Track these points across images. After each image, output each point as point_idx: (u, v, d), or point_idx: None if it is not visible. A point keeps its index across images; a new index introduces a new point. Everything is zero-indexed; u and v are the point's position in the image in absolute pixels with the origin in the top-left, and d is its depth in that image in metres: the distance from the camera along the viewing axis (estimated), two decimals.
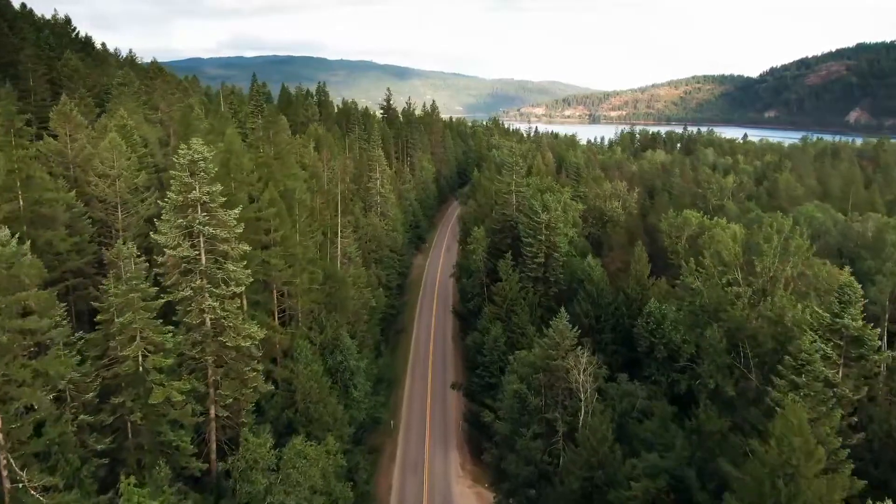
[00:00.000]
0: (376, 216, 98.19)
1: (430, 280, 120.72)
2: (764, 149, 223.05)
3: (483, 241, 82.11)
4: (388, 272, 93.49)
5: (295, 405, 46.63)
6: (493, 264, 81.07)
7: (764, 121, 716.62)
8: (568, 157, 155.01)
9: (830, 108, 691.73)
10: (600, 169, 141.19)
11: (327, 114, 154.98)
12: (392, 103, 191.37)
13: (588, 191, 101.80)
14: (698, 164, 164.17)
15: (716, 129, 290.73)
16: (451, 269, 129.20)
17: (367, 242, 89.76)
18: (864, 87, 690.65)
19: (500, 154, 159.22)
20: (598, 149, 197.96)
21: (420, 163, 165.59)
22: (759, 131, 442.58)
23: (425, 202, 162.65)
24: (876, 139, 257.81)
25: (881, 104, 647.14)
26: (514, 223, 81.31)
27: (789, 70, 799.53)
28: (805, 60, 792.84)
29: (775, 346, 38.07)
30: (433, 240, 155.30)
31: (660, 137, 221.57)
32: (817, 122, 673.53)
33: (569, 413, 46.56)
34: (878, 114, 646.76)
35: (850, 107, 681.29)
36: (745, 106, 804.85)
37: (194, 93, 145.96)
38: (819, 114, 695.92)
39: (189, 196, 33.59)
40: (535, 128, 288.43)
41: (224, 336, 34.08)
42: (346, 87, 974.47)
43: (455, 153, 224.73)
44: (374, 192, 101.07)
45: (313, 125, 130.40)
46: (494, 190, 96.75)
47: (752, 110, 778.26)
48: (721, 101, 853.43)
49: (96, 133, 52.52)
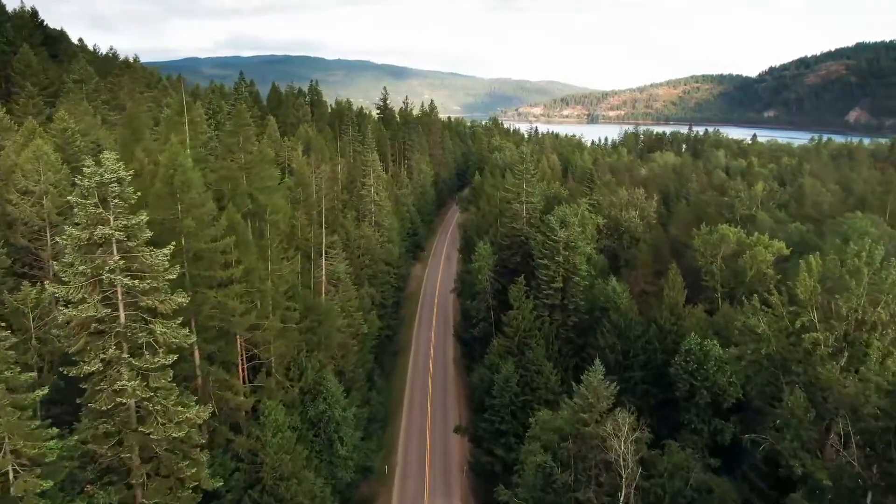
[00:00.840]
0: (370, 227, 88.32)
1: (429, 293, 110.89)
2: (775, 150, 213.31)
3: (489, 258, 72.32)
4: (382, 289, 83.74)
5: (262, 483, 36.80)
6: (500, 285, 71.17)
7: (763, 120, 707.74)
8: (574, 159, 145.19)
9: (830, 108, 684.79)
10: (609, 172, 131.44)
11: (320, 114, 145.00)
12: (389, 103, 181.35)
13: (602, 199, 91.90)
14: (711, 168, 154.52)
15: (717, 128, 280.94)
16: (452, 281, 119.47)
17: (359, 257, 79.89)
18: (863, 86, 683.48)
19: (502, 156, 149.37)
20: (602, 150, 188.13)
21: (418, 165, 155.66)
22: (759, 131, 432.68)
23: (424, 207, 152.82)
24: (886, 140, 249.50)
25: (881, 104, 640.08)
26: (525, 238, 71.42)
27: (788, 69, 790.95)
28: (804, 60, 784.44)
29: (889, 425, 28.40)
30: (432, 247, 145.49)
31: (665, 138, 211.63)
32: (817, 121, 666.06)
33: (606, 492, 36.80)
34: (877, 113, 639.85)
35: (849, 106, 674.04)
36: (743, 106, 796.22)
37: (175, 92, 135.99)
38: (818, 113, 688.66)
39: (98, 232, 23.83)
40: (534, 128, 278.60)
41: (148, 425, 24.25)
42: (343, 87, 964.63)
43: (454, 154, 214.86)
44: (368, 199, 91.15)
45: (303, 126, 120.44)
46: (500, 197, 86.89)
47: (752, 110, 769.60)
48: (720, 101, 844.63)
49: (21, 139, 42.51)
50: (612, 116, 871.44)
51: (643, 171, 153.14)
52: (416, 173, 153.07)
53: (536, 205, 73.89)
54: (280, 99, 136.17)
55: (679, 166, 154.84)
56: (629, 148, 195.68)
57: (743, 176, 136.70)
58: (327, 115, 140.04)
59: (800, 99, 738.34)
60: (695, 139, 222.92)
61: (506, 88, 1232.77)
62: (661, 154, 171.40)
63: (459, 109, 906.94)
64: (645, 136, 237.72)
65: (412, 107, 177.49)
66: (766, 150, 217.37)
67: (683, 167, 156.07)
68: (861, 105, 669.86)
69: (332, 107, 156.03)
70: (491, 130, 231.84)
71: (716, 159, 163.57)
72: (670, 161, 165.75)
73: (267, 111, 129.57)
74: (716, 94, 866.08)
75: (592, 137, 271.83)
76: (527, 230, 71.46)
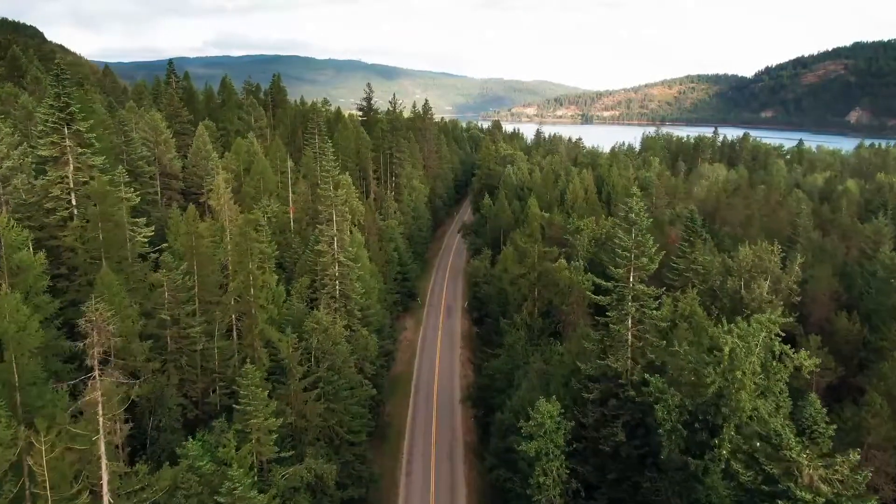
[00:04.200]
0: (331, 311, 52.07)
1: (424, 384, 73.63)
2: (825, 158, 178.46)
3: (555, 430, 35.33)
4: (351, 420, 47.50)
5: None
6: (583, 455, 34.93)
7: (761, 121, 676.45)
8: (612, 178, 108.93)
9: (829, 108, 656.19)
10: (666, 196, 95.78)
11: (283, 116, 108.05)
12: (374, 103, 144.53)
13: (697, 255, 55.80)
14: (779, 185, 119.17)
15: (709, 128, 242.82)
16: (457, 359, 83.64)
17: (308, 389, 43.62)
18: (862, 86, 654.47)
19: (518, 173, 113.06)
20: (630, 158, 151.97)
21: (409, 182, 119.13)
22: (758, 132, 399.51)
23: (416, 236, 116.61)
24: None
25: (883, 104, 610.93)
26: (631, 388, 34.81)
27: (785, 69, 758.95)
28: (801, 59, 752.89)
29: None
30: (427, 290, 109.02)
31: (700, 144, 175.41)
32: (816, 122, 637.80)
33: None
34: (879, 113, 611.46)
35: (849, 106, 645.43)
36: (740, 106, 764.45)
37: (91, 87, 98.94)
38: (818, 113, 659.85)
39: None
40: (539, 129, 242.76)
41: None
42: (332, 87, 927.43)
43: (451, 163, 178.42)
44: (329, 258, 54.69)
45: (248, 137, 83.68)
46: (563, 282, 50.78)
47: (748, 110, 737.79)
48: (716, 101, 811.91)
49: None
50: (606, 117, 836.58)
51: (697, 190, 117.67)
52: (408, 193, 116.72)
53: (654, 316, 36.76)
54: (226, 98, 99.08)
55: (739, 183, 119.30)
56: (661, 157, 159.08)
57: (828, 198, 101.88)
58: (288, 120, 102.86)
59: (798, 99, 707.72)
60: (730, 145, 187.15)
61: (497, 88, 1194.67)
62: (710, 167, 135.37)
63: (451, 110, 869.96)
64: (664, 139, 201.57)
65: (402, 107, 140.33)
66: (815, 157, 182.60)
67: (741, 183, 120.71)
68: (861, 105, 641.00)
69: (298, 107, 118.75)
70: (493, 134, 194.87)
71: (778, 171, 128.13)
72: (721, 176, 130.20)
73: (206, 114, 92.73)
74: (711, 95, 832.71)
75: (588, 137, 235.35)
76: (633, 374, 34.73)
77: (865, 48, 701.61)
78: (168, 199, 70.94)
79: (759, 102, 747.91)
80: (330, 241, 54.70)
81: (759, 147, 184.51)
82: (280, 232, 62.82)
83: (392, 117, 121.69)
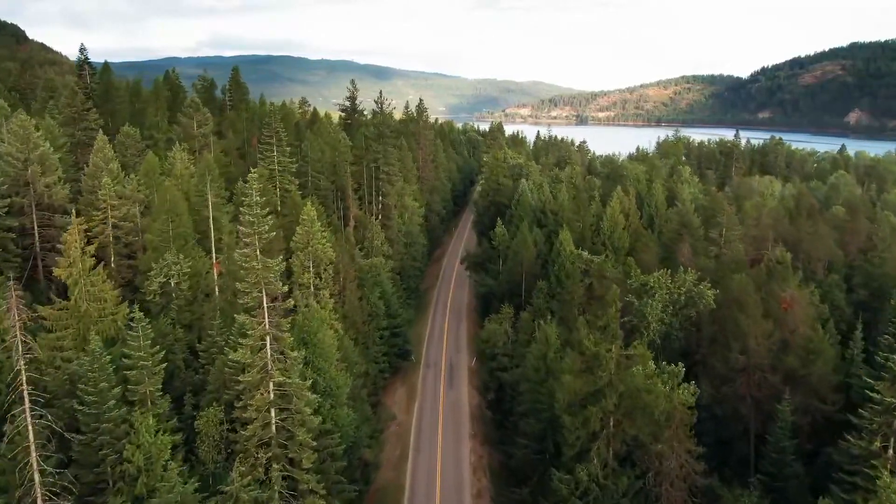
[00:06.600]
0: (262, 460, 27.95)
1: (422, 500, 50.23)
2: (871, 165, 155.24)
3: None
4: None
5: None
6: None
7: (758, 122, 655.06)
8: (655, 197, 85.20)
9: (828, 109, 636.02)
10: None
11: (236, 120, 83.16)
12: (360, 103, 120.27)
13: None
14: (847, 201, 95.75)
15: (706, 129, 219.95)
16: (469, 456, 59.90)
17: None
18: (861, 87, 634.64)
19: (537, 191, 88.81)
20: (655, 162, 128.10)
21: (400, 200, 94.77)
22: (755, 133, 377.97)
23: (409, 267, 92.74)
24: None
25: (882, 105, 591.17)
26: None
27: (782, 70, 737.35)
28: (798, 60, 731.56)
29: None
30: (424, 336, 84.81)
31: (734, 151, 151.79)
32: (814, 123, 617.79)
33: None
34: (879, 115, 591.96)
35: (848, 107, 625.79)
36: (736, 106, 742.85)
37: None
38: (816, 114, 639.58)
39: None
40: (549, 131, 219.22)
41: None
42: (325, 88, 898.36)
43: (449, 171, 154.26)
44: (257, 378, 30.73)
45: (178, 150, 59.07)
46: (657, 402, 26.96)
47: (745, 111, 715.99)
48: (712, 102, 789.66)
49: None
50: (601, 118, 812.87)
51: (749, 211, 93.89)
52: (399, 214, 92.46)
53: None
54: (159, 95, 73.90)
55: (801, 201, 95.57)
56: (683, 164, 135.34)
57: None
58: (242, 125, 77.76)
59: (795, 100, 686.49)
60: (760, 150, 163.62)
61: (491, 89, 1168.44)
62: (760, 180, 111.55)
63: (445, 110, 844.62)
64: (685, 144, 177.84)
65: (391, 108, 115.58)
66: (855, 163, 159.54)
67: (804, 200, 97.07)
68: (860, 106, 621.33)
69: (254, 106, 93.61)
70: (497, 138, 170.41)
71: (846, 186, 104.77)
72: (774, 191, 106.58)
73: (127, 117, 67.90)
74: (707, 95, 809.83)
75: (587, 138, 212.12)
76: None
77: (863, 49, 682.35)
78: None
79: (756, 103, 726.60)
80: (259, 345, 30.52)
81: (794, 154, 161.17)
82: (189, 310, 38.51)
83: (379, 121, 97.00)
